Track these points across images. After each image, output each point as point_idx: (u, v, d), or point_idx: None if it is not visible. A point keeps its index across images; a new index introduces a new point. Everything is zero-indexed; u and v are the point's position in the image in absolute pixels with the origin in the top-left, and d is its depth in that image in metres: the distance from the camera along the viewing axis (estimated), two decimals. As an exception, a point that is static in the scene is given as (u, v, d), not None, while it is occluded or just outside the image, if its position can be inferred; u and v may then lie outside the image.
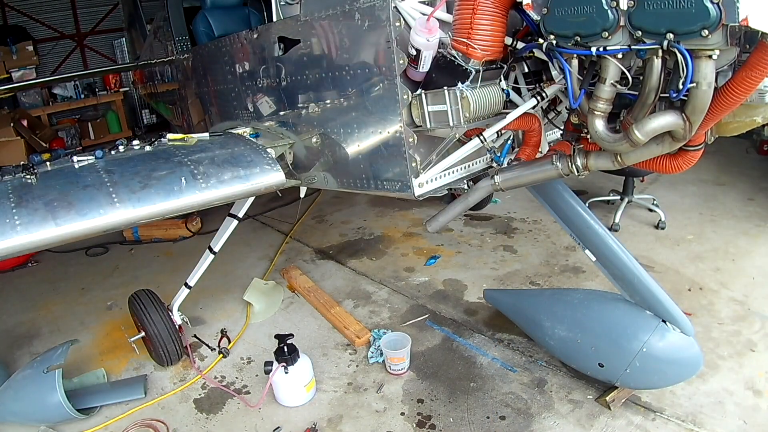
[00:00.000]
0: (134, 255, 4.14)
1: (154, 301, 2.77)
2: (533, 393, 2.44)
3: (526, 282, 3.34)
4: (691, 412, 2.28)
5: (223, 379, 2.70)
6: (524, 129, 2.02)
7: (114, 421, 2.48)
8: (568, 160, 1.82)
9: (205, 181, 2.06)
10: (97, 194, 1.95)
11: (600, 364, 2.26)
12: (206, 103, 3.34)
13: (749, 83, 1.31)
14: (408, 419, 2.34)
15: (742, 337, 2.70)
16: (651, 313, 2.18)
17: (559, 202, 2.28)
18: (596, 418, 2.28)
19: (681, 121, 1.44)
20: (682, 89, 1.34)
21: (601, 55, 1.44)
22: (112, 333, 3.11)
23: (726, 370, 2.50)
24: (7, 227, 1.78)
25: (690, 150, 1.61)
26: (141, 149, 2.28)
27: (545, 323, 2.45)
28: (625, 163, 1.70)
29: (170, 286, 2.93)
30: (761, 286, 3.10)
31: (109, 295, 3.50)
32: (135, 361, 2.87)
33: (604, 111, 1.55)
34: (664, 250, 3.56)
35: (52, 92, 7.47)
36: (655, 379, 2.23)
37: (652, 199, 4.00)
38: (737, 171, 4.61)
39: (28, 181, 1.99)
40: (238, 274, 3.38)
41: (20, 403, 2.43)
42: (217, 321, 3.16)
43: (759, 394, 2.36)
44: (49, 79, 7.12)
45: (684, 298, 2.99)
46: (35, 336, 3.15)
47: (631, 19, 1.33)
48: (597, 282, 3.17)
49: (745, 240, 3.61)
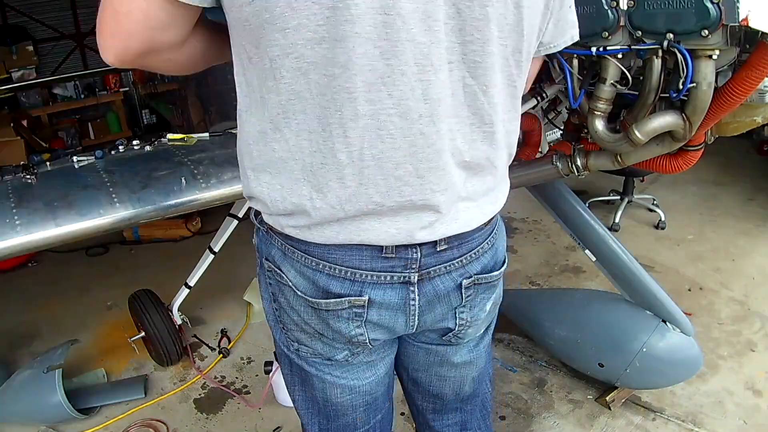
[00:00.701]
0: (134, 255, 4.14)
1: (154, 301, 2.77)
2: (533, 393, 2.44)
3: (526, 282, 3.34)
4: (691, 412, 2.28)
5: (223, 379, 2.70)
6: (524, 129, 2.01)
7: (114, 421, 2.48)
8: (568, 160, 1.81)
9: (205, 181, 2.06)
10: (97, 194, 1.94)
11: (600, 364, 2.26)
12: (206, 103, 3.34)
13: (749, 83, 1.31)
14: (408, 419, 2.34)
15: (742, 337, 2.70)
16: (651, 313, 2.18)
17: (559, 202, 2.28)
18: (596, 418, 2.28)
19: (681, 121, 1.44)
20: (682, 89, 1.34)
21: (601, 55, 1.44)
22: (112, 333, 3.11)
23: (726, 370, 2.50)
24: (7, 227, 1.77)
25: (690, 150, 1.61)
26: (141, 149, 2.28)
27: (545, 323, 2.45)
28: (625, 163, 1.70)
29: (170, 286, 2.93)
30: (761, 286, 3.10)
31: (109, 295, 3.49)
32: (135, 361, 2.87)
33: (604, 111, 1.54)
34: (664, 250, 3.56)
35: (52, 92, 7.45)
36: (655, 379, 2.23)
37: (652, 199, 4.00)
38: (737, 171, 4.60)
39: (28, 181, 1.99)
40: (238, 274, 3.38)
41: (20, 403, 2.43)
42: (217, 321, 3.16)
43: (759, 394, 2.36)
44: (49, 79, 7.11)
45: (684, 298, 2.99)
46: (35, 336, 3.15)
47: (631, 19, 1.33)
48: (597, 282, 3.17)
49: (745, 240, 3.61)
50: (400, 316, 1.03)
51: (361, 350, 1.09)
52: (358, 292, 0.98)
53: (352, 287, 0.98)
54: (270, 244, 1.05)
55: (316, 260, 0.97)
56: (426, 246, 0.97)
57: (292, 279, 1.02)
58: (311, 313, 1.03)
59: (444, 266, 1.01)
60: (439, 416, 1.31)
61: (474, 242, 1.04)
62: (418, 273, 0.99)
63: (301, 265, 1.00)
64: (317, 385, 1.15)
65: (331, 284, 0.98)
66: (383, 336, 1.07)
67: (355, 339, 1.04)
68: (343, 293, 0.98)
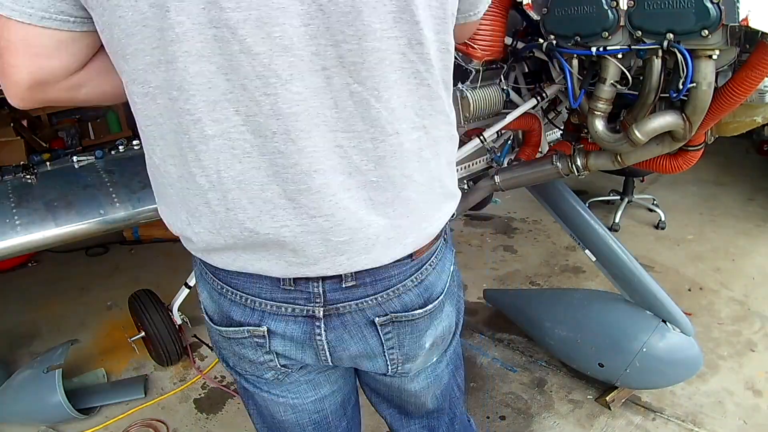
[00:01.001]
0: (134, 255, 4.14)
1: (154, 301, 2.77)
2: (533, 393, 2.44)
3: (526, 282, 3.34)
4: (691, 412, 2.28)
5: (223, 379, 2.70)
6: (524, 129, 2.02)
7: (114, 421, 2.48)
8: (568, 160, 1.82)
9: (205, 181, 2.06)
10: (97, 194, 1.95)
11: (600, 364, 2.26)
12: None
13: (749, 83, 1.31)
14: (408, 419, 2.34)
15: (742, 337, 2.70)
16: (651, 313, 2.18)
17: (559, 202, 2.28)
18: (596, 418, 2.28)
19: (681, 121, 1.44)
20: (682, 89, 1.34)
21: (601, 55, 1.44)
22: (112, 333, 3.11)
23: (726, 370, 2.50)
24: (7, 227, 1.78)
25: (690, 150, 1.61)
26: (141, 149, 2.28)
27: (545, 323, 2.44)
28: (625, 163, 1.70)
29: (170, 286, 2.92)
30: (761, 286, 3.10)
31: (109, 295, 3.49)
32: (135, 361, 2.87)
33: (604, 111, 1.55)
34: (664, 250, 3.56)
35: (52, 92, 7.45)
36: (655, 379, 2.23)
37: (652, 199, 4.00)
38: (737, 171, 4.60)
39: (28, 181, 1.99)
40: (238, 274, 3.38)
41: (20, 403, 2.43)
42: (217, 321, 3.15)
43: (759, 394, 2.36)
44: (49, 79, 7.10)
45: (684, 298, 2.99)
46: (35, 336, 3.15)
47: (631, 19, 1.33)
48: (597, 282, 3.17)
49: (745, 240, 3.61)
50: (307, 350, 0.94)
51: (288, 371, 1.01)
52: (258, 321, 0.92)
53: (252, 316, 0.92)
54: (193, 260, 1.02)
55: (220, 284, 0.93)
56: (330, 281, 0.87)
57: (203, 301, 1.00)
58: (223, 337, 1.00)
59: (355, 303, 0.89)
60: (406, 423, 1.27)
61: (393, 279, 0.89)
62: (323, 308, 0.89)
63: (210, 288, 0.96)
64: (260, 402, 1.10)
65: (233, 311, 0.93)
66: (297, 365, 1.00)
67: (266, 365, 0.98)
68: (243, 321, 0.93)
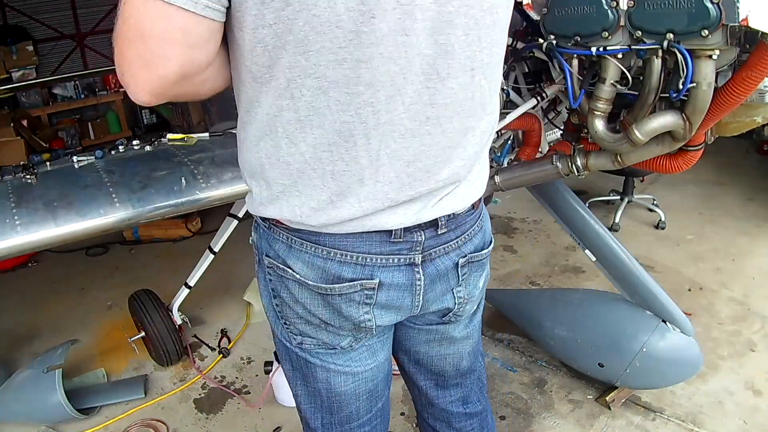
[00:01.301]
0: (134, 255, 4.14)
1: (154, 301, 2.77)
2: (533, 393, 2.44)
3: (526, 282, 3.34)
4: (691, 412, 2.28)
5: (223, 379, 2.70)
6: (524, 129, 2.02)
7: (114, 421, 2.48)
8: (568, 160, 1.82)
9: (205, 181, 2.06)
10: (97, 194, 1.94)
11: (600, 364, 2.26)
12: (206, 103, 3.34)
13: (749, 83, 1.31)
14: (408, 419, 2.34)
15: (742, 337, 2.70)
16: (651, 313, 2.19)
17: (559, 202, 2.28)
18: (596, 418, 2.28)
19: (681, 121, 1.44)
20: (682, 89, 1.34)
21: (601, 55, 1.44)
22: (112, 333, 3.11)
23: (726, 370, 2.50)
24: (7, 227, 1.77)
25: (690, 150, 1.61)
26: (141, 149, 2.28)
27: (545, 323, 2.45)
28: (625, 163, 1.70)
29: (170, 286, 2.93)
30: (761, 286, 3.10)
31: (109, 295, 3.49)
32: (135, 361, 2.87)
33: (604, 111, 1.55)
34: (664, 250, 3.56)
35: (52, 92, 7.45)
36: (655, 379, 2.23)
37: (652, 199, 4.00)
38: (737, 171, 4.60)
39: (28, 181, 1.99)
40: (238, 274, 3.38)
41: (20, 403, 2.43)
42: (217, 321, 3.16)
43: (759, 394, 2.36)
44: (49, 79, 7.10)
45: (684, 298, 2.99)
46: (35, 336, 3.15)
47: (631, 19, 1.33)
48: (597, 282, 3.17)
49: (745, 240, 3.61)
50: (407, 296, 1.10)
51: (364, 335, 1.16)
52: (369, 275, 1.05)
53: (363, 271, 1.05)
54: (272, 239, 1.08)
55: (327, 249, 1.03)
56: (429, 230, 1.06)
57: (298, 271, 1.06)
58: (319, 303, 1.08)
59: (443, 247, 1.10)
60: (442, 392, 1.39)
61: (467, 225, 1.14)
62: (421, 254, 1.07)
63: (309, 255, 1.05)
64: (320, 377, 1.20)
65: (343, 270, 1.04)
66: (389, 318, 1.14)
67: (362, 324, 1.11)
68: (355, 277, 1.05)
